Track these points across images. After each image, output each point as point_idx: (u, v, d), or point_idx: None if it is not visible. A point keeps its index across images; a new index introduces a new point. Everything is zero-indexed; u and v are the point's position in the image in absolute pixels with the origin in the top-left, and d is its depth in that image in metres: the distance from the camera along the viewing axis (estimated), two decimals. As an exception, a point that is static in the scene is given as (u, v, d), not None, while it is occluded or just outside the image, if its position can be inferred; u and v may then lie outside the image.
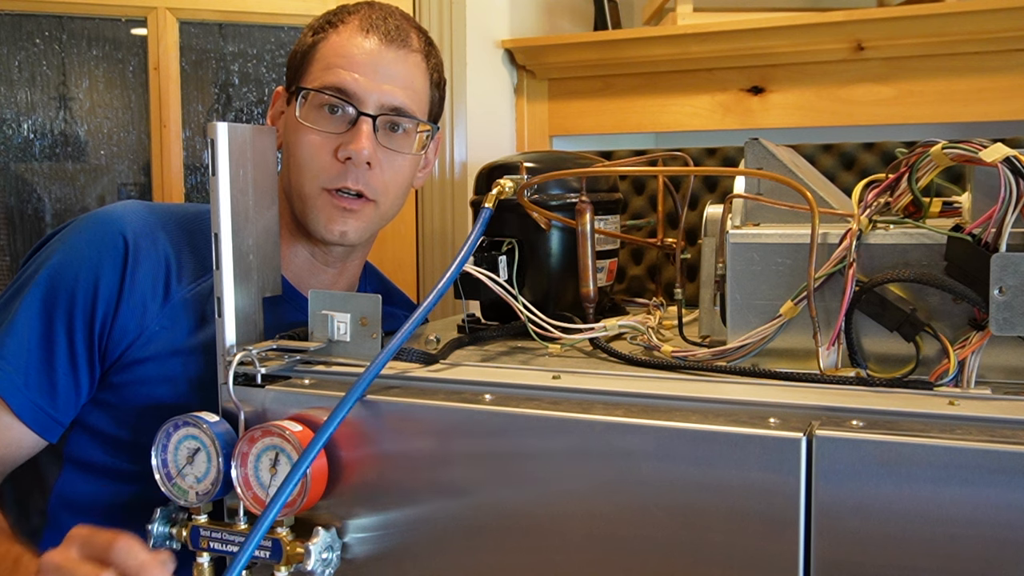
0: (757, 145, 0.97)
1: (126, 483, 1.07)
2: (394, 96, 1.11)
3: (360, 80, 1.09)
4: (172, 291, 1.07)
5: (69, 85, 1.79)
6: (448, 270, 0.92)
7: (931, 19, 1.57)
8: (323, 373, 0.93)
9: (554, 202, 1.13)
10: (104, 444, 1.07)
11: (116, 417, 1.07)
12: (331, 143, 1.09)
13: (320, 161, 1.10)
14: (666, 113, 1.81)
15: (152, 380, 1.05)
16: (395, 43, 1.12)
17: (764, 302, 0.91)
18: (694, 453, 0.74)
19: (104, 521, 1.07)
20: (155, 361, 1.05)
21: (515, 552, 0.80)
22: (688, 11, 1.74)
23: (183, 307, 1.07)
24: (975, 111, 1.60)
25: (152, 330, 1.06)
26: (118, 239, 1.06)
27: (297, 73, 1.14)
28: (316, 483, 0.84)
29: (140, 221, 1.09)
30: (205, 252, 1.09)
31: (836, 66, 1.67)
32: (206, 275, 1.09)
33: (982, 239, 0.80)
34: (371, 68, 1.10)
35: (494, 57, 1.89)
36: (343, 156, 1.09)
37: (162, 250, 1.08)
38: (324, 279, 1.20)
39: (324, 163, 1.10)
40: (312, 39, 1.14)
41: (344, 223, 1.11)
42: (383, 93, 1.10)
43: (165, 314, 1.06)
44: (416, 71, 1.14)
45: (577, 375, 0.89)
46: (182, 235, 1.11)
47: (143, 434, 1.04)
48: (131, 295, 1.05)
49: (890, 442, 0.68)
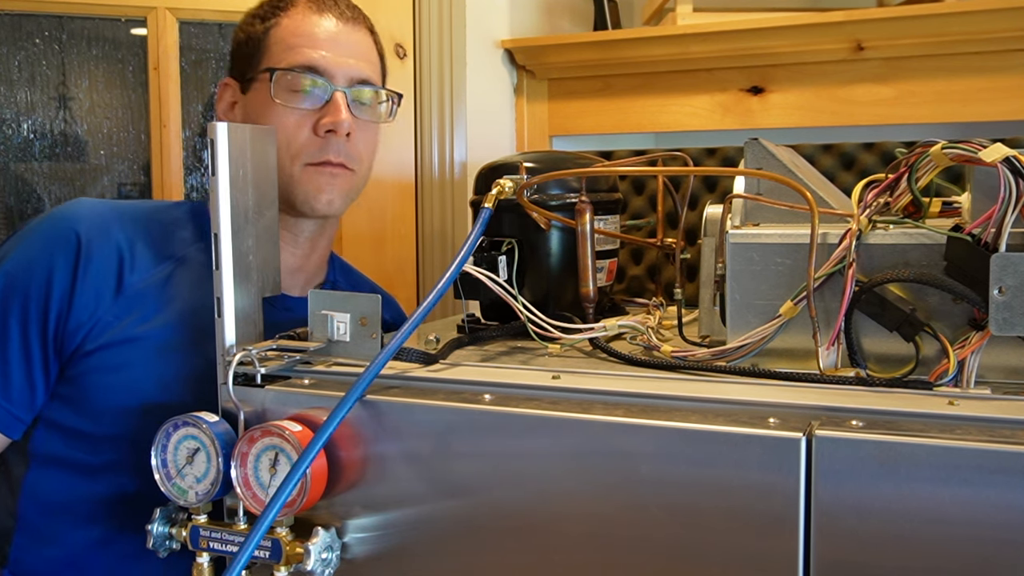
0: (757, 145, 0.97)
1: (91, 477, 1.07)
2: (360, 69, 1.16)
3: (328, 56, 1.13)
4: (125, 282, 1.08)
5: (69, 85, 1.79)
6: (448, 270, 0.92)
7: (931, 19, 1.57)
8: (323, 373, 0.93)
9: (554, 202, 1.13)
10: (65, 437, 1.08)
11: (75, 409, 1.07)
12: (308, 120, 1.13)
13: (300, 139, 1.13)
14: (666, 113, 1.81)
15: (106, 368, 1.06)
16: (349, 20, 1.17)
17: (764, 302, 0.91)
18: (694, 453, 0.74)
19: (73, 518, 1.07)
20: (109, 350, 1.06)
21: (515, 552, 0.80)
22: (688, 11, 1.74)
23: (137, 297, 1.08)
24: (974, 111, 1.60)
25: (106, 320, 1.07)
26: (71, 236, 1.08)
27: (252, 61, 1.16)
28: (316, 483, 0.84)
29: (93, 216, 1.10)
30: (160, 244, 1.12)
31: (836, 66, 1.67)
32: (160, 265, 1.11)
33: (982, 239, 0.80)
34: (334, 44, 1.14)
35: (494, 57, 1.89)
36: (324, 130, 1.12)
37: (115, 242, 1.09)
38: (293, 263, 1.21)
39: (304, 140, 1.13)
40: (263, 26, 1.16)
41: (331, 191, 1.15)
42: (350, 67, 1.15)
43: (119, 304, 1.07)
44: (370, 43, 1.20)
45: (577, 375, 0.89)
46: (136, 228, 1.12)
47: (101, 424, 1.05)
48: (84, 288, 1.06)
49: (890, 442, 0.68)
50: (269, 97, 1.13)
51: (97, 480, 1.07)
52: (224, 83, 1.20)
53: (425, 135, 1.85)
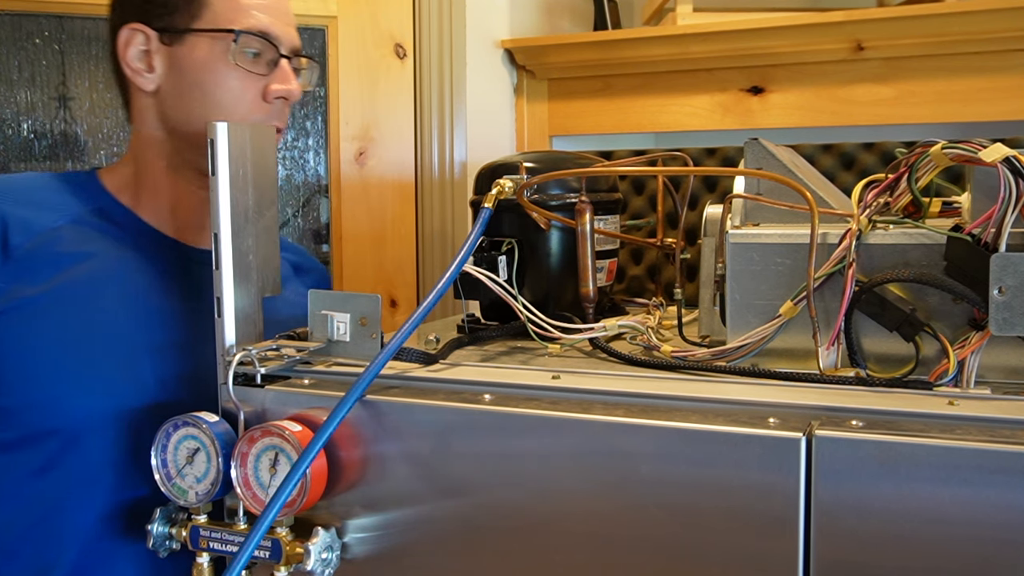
0: (757, 145, 0.97)
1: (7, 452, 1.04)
2: (297, 38, 1.17)
3: (277, 24, 1.13)
4: (11, 249, 1.06)
5: (69, 85, 1.79)
6: (448, 270, 0.92)
7: (931, 19, 1.56)
8: (323, 373, 0.93)
9: (554, 202, 1.13)
10: None
11: None
12: (255, 84, 1.12)
13: (246, 103, 1.12)
14: (666, 113, 1.81)
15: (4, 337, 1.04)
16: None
17: (764, 302, 0.91)
18: (694, 453, 0.74)
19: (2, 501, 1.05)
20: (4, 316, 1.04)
21: (515, 552, 0.80)
22: (688, 11, 1.74)
23: (24, 263, 1.06)
24: (974, 111, 1.59)
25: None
26: None
27: (183, 13, 1.11)
28: (316, 483, 0.84)
29: None
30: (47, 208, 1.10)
31: (836, 66, 1.67)
32: (43, 231, 1.08)
33: (982, 239, 0.80)
34: (279, 11, 1.15)
35: (494, 57, 1.89)
36: (274, 96, 1.12)
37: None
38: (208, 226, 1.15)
39: (251, 104, 1.12)
40: None
41: None
42: (292, 36, 1.16)
43: (7, 271, 1.05)
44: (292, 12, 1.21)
45: (577, 375, 0.89)
46: (19, 195, 1.10)
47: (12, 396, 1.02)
48: None
49: (889, 442, 0.68)
50: (214, 56, 1.10)
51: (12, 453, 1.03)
52: (131, 28, 1.12)
53: (425, 135, 1.85)
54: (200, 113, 1.12)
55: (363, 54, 1.82)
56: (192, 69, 1.12)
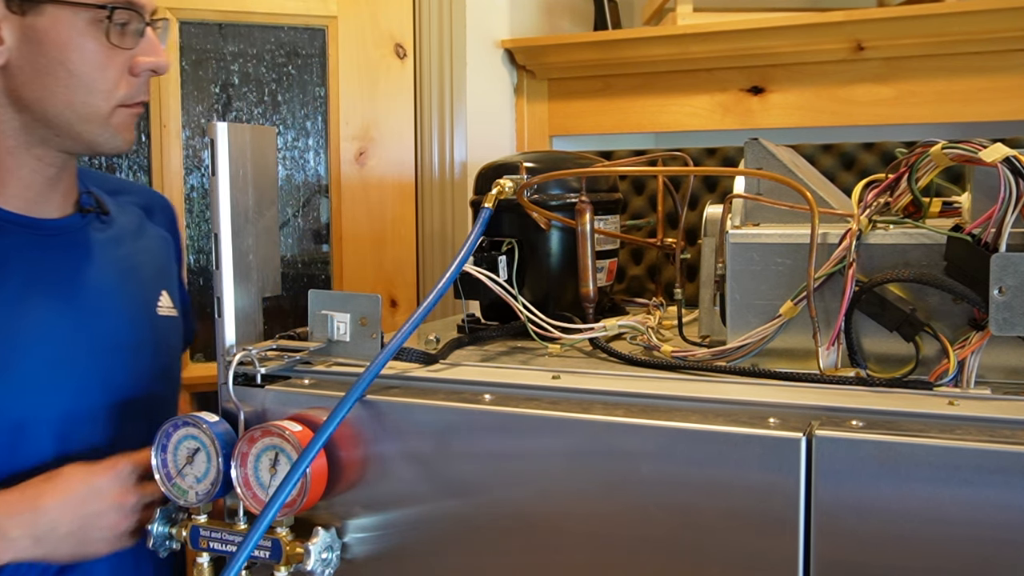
0: (757, 145, 0.97)
1: None
2: None
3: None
4: None
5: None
6: (448, 270, 0.92)
7: (931, 19, 1.57)
8: (323, 373, 0.93)
9: (554, 202, 1.13)
10: None
11: None
12: (121, 57, 1.05)
13: (111, 77, 1.04)
14: (666, 113, 1.81)
15: None
16: None
17: (764, 302, 0.91)
18: (694, 453, 0.74)
19: None
20: None
21: (515, 552, 0.80)
22: (688, 11, 1.74)
23: None
24: (975, 111, 1.60)
25: None
26: None
27: None
28: (316, 483, 0.84)
29: None
30: None
31: (836, 66, 1.67)
32: None
33: (982, 239, 0.80)
34: None
35: (494, 57, 1.89)
36: (142, 69, 1.06)
37: None
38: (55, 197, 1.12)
39: (116, 79, 1.05)
40: None
41: (131, 132, 1.10)
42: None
43: None
44: None
45: (577, 375, 0.89)
46: None
47: None
48: None
49: (889, 442, 0.68)
50: (78, 30, 1.02)
51: None
52: None
53: (425, 135, 1.85)
54: (62, 93, 1.03)
55: (363, 54, 1.82)
56: (54, 46, 1.02)
